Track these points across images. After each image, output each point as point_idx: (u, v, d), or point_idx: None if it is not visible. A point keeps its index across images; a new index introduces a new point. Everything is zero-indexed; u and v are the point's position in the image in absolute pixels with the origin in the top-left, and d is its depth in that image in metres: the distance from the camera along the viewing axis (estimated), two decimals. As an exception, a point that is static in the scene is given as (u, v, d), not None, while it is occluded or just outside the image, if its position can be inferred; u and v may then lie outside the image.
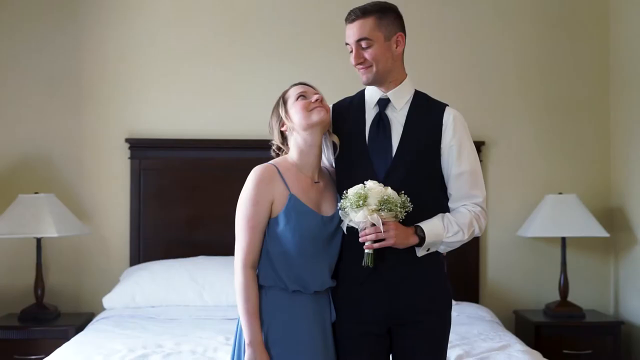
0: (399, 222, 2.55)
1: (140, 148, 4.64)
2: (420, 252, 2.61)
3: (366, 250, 2.53)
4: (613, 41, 4.80)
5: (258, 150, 4.54)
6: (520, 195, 4.76)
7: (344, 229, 2.58)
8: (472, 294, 4.67)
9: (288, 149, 2.70)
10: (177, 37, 4.73)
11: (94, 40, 4.67)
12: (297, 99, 2.63)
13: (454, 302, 4.04)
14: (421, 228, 2.58)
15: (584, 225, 4.47)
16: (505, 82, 4.82)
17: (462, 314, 4.12)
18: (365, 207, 2.48)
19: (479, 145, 4.59)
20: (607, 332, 4.40)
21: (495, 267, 4.77)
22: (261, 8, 4.77)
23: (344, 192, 2.55)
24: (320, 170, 2.72)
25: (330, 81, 4.48)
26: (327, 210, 2.65)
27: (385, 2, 2.70)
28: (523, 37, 4.83)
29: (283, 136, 2.70)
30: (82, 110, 4.66)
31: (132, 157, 4.63)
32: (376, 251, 2.54)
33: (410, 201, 2.53)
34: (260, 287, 2.59)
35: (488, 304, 4.68)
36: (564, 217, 4.48)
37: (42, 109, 4.65)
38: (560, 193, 4.60)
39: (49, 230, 4.22)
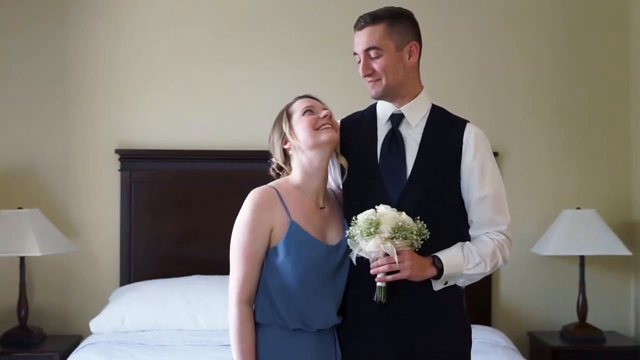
0: (415, 251, 2.29)
1: (131, 159, 4.39)
2: (438, 286, 2.37)
3: (378, 284, 2.28)
4: (633, 45, 4.54)
5: (257, 162, 4.37)
6: (535, 210, 4.51)
7: (353, 259, 2.32)
8: (484, 315, 4.42)
9: (290, 169, 2.44)
10: (170, 41, 4.47)
11: (82, 45, 4.42)
12: (304, 114, 2.37)
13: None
14: (439, 258, 2.33)
15: (604, 242, 4.21)
16: (518, 90, 4.57)
17: (475, 339, 3.72)
18: (378, 235, 2.24)
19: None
20: (629, 358, 4.14)
21: (509, 286, 4.52)
22: (260, 9, 4.52)
23: (353, 218, 2.29)
24: (326, 193, 2.45)
25: (334, 86, 4.28)
26: (332, 238, 2.39)
27: (399, 8, 2.44)
28: (536, 43, 4.58)
29: (285, 154, 2.43)
30: (70, 119, 4.41)
31: (122, 169, 4.38)
32: (389, 284, 2.28)
33: (426, 228, 2.28)
34: (256, 325, 2.34)
35: (501, 326, 4.43)
36: (582, 234, 4.22)
37: (27, 118, 4.39)
38: (579, 208, 4.34)
39: (32, 249, 3.97)
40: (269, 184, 2.41)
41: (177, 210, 4.39)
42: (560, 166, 4.55)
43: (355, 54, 2.42)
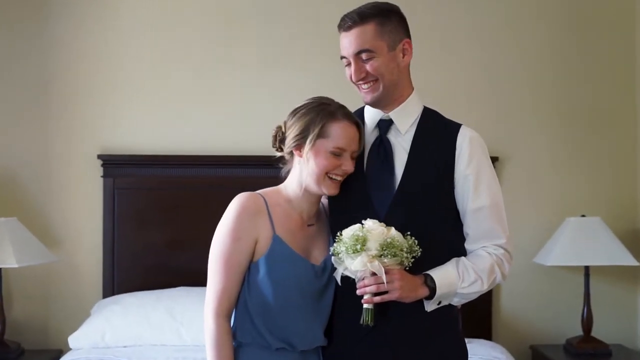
0: (405, 269, 2.10)
1: (114, 165, 4.21)
2: (430, 307, 2.18)
3: (365, 305, 2.09)
4: (639, 44, 4.37)
5: (247, 167, 4.24)
6: (537, 217, 4.33)
7: (338, 278, 2.14)
8: (483, 329, 4.25)
9: (289, 161, 2.26)
10: (157, 42, 4.29)
11: (64, 46, 4.24)
12: (333, 152, 2.16)
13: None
14: (431, 277, 2.14)
15: (610, 252, 4.03)
16: (519, 91, 4.39)
17: (474, 355, 3.66)
18: (364, 253, 2.05)
19: (491, 162, 4.15)
20: (636, 373, 3.98)
21: (510, 298, 4.34)
22: (252, 10, 4.33)
23: (338, 233, 2.10)
24: (317, 211, 2.29)
25: (330, 91, 4.02)
26: (317, 257, 2.22)
27: (386, 3, 2.24)
28: (538, 42, 4.40)
29: (292, 153, 2.25)
30: (50, 122, 4.22)
31: (105, 175, 4.20)
32: (377, 306, 2.09)
33: (418, 244, 2.09)
34: (237, 344, 2.17)
35: (502, 340, 4.26)
36: (587, 243, 4.04)
37: (5, 121, 4.21)
38: (583, 215, 4.16)
39: (8, 260, 3.78)
40: (257, 191, 2.24)
41: (162, 219, 4.21)
42: (564, 171, 4.38)
43: (342, 57, 2.22)
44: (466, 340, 3.70)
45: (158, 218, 4.21)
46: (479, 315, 4.21)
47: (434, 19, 4.32)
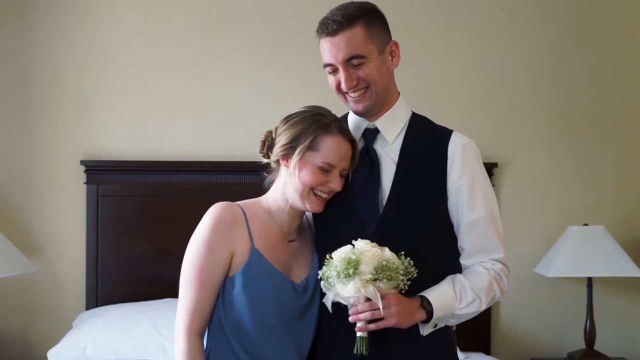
0: (400, 292, 1.95)
1: (98, 171, 4.08)
2: (426, 330, 2.04)
3: (358, 334, 1.93)
4: (644, 47, 4.29)
5: (237, 174, 4.11)
6: (538, 225, 4.21)
7: (328, 305, 1.98)
8: (482, 341, 4.12)
9: (274, 168, 2.13)
10: (143, 45, 4.16)
11: (46, 47, 4.11)
12: (322, 167, 2.03)
13: (461, 355, 3.47)
14: (428, 300, 1.99)
15: (614, 262, 3.92)
16: (520, 95, 4.28)
17: None
18: (357, 277, 1.89)
19: (490, 168, 4.07)
20: (641, 389, 3.86)
21: (510, 310, 4.22)
22: (239, 10, 4.21)
23: (327, 256, 1.95)
24: (300, 226, 2.15)
25: (320, 96, 3.88)
26: (298, 274, 2.08)
27: (367, 3, 2.09)
28: (539, 43, 4.28)
29: (278, 162, 2.11)
30: (31, 127, 4.09)
31: (88, 182, 4.08)
32: (372, 333, 1.93)
33: (413, 265, 1.94)
34: None
35: (501, 353, 4.15)
36: (590, 253, 3.93)
37: (-16, 126, 4.09)
38: (586, 224, 4.05)
39: (-14, 271, 3.65)
40: (236, 202, 2.11)
41: (148, 227, 4.09)
42: (566, 177, 4.27)
43: (327, 65, 2.06)
44: (464, 354, 3.63)
45: (144, 226, 4.09)
46: (477, 328, 4.09)
47: (433, 20, 4.21)
